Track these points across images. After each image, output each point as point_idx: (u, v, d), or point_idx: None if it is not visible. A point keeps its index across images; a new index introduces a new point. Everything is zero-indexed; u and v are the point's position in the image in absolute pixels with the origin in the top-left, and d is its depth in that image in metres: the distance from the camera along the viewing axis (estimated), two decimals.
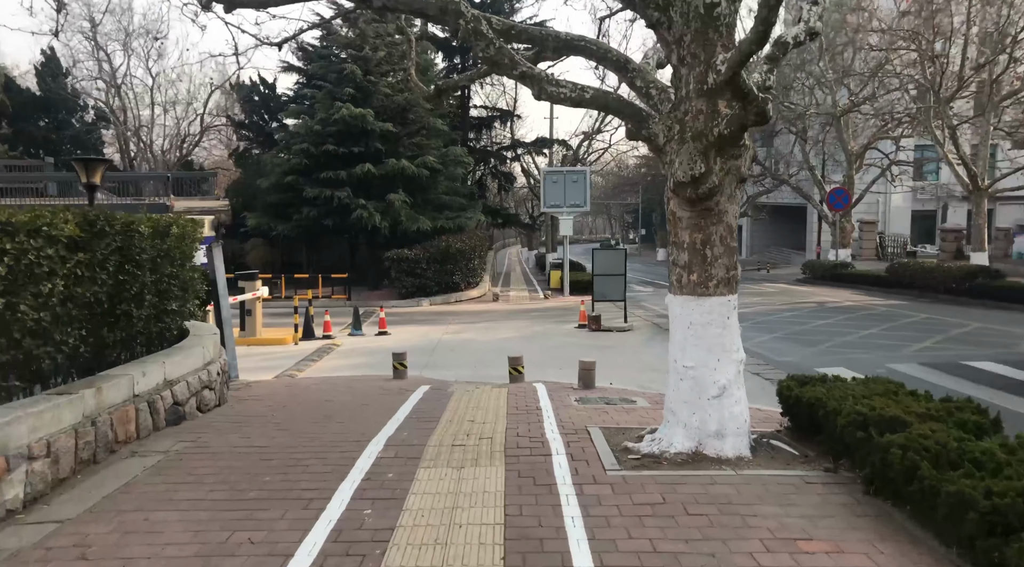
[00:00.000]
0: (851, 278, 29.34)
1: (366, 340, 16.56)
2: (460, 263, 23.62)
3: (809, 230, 50.99)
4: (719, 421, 5.78)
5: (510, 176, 43.23)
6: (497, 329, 17.72)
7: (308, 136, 23.38)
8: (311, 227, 23.38)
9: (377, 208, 22.77)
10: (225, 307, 11.15)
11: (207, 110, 41.89)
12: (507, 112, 41.01)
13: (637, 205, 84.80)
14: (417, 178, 23.55)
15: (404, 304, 22.78)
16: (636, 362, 12.45)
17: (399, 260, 22.56)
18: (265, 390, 9.75)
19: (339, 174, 22.67)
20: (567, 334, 16.40)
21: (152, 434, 6.51)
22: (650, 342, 14.83)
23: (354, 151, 23.04)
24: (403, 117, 24.18)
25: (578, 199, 24.56)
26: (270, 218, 23.85)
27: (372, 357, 14.16)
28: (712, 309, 5.81)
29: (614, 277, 17.04)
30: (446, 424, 7.12)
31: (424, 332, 17.47)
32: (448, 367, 12.60)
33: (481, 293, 25.27)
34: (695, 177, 5.51)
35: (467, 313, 21.20)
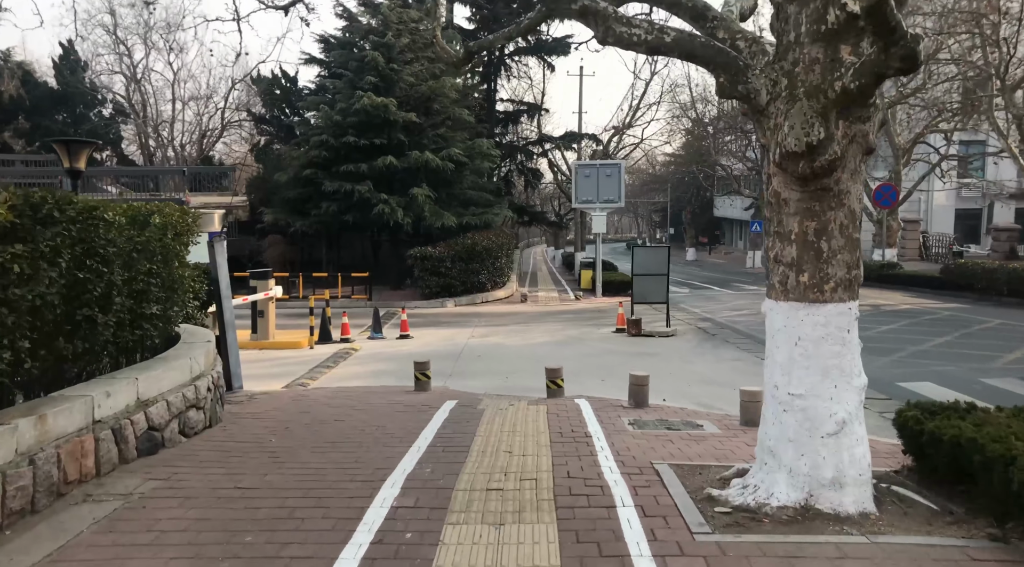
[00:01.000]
0: (900, 279, 27.62)
1: (386, 344, 15.34)
2: (486, 262, 22.34)
3: None
4: (836, 466, 4.42)
5: (537, 172, 41.86)
6: (527, 333, 16.42)
7: (328, 127, 22.21)
8: (330, 223, 22.20)
9: (400, 203, 21.53)
10: (228, 309, 9.96)
11: (228, 105, 41.06)
12: (534, 106, 39.63)
13: (665, 204, 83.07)
14: (441, 171, 22.28)
15: (427, 305, 21.55)
16: (687, 373, 11.07)
17: (422, 258, 21.32)
18: (269, 404, 8.53)
19: (360, 167, 21.46)
20: (604, 339, 15.04)
21: (117, 469, 5.29)
22: (699, 349, 13.42)
23: (376, 143, 21.82)
24: (427, 107, 22.91)
25: (612, 194, 23.19)
26: (288, 214, 22.73)
27: (392, 363, 12.93)
28: (828, 320, 4.45)
29: (656, 277, 15.65)
30: (478, 455, 5.82)
31: (448, 335, 16.21)
32: (476, 376, 11.32)
33: (508, 294, 23.97)
34: (810, 146, 4.16)
35: (494, 315, 19.92)
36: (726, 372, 11.09)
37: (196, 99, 42.47)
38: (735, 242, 77.34)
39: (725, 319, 17.98)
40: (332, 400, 8.88)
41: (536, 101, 41.04)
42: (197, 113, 42.00)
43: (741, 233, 75.21)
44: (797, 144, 4.19)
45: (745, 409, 7.19)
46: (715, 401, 9.06)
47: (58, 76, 33.81)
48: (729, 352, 12.99)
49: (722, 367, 11.49)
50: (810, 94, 4.20)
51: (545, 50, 36.66)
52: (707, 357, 12.52)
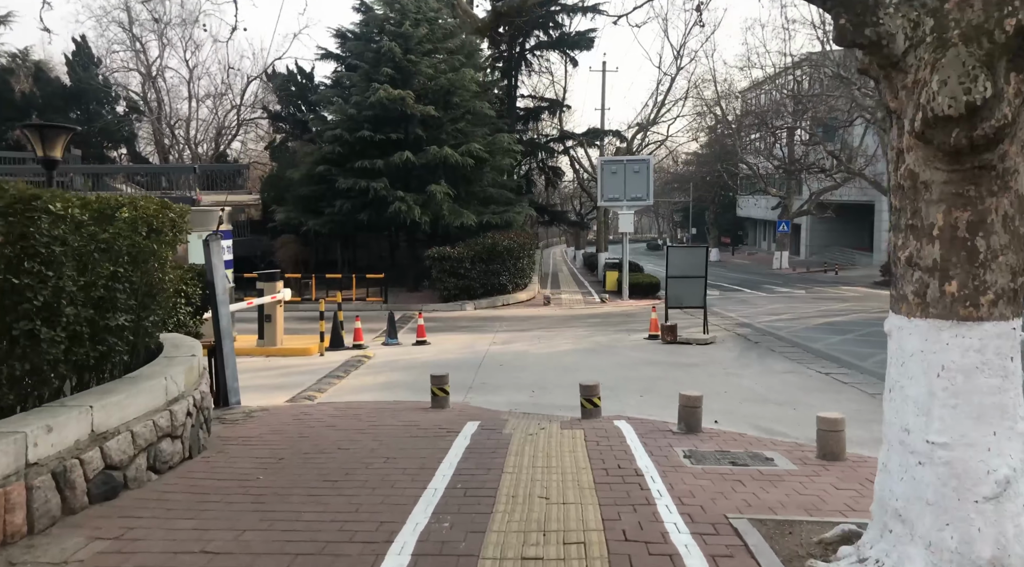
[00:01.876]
0: None
1: (402, 351, 14.30)
2: (508, 263, 21.26)
3: (879, 229, 47.58)
4: (997, 541, 3.28)
5: (558, 171, 40.71)
6: (552, 339, 15.31)
7: (342, 121, 21.21)
8: (344, 222, 21.18)
9: (417, 201, 20.47)
10: (224, 315, 8.96)
11: (244, 102, 40.32)
12: (555, 102, 38.47)
13: (687, 203, 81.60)
14: (461, 168, 21.21)
15: (446, 308, 20.50)
16: (734, 388, 9.91)
17: (440, 259, 20.26)
18: (266, 424, 7.50)
19: (375, 163, 20.43)
20: (637, 347, 13.90)
21: (59, 523, 4.25)
22: (742, 359, 12.23)
23: (392, 138, 20.79)
24: (446, 101, 21.85)
25: (640, 191, 22.01)
26: (300, 212, 21.76)
27: (407, 373, 11.88)
28: (985, 344, 3.31)
29: (692, 280, 14.48)
30: (507, 502, 4.73)
31: (468, 342, 15.15)
32: (499, 389, 10.23)
33: (530, 296, 22.88)
34: (971, 107, 3.03)
35: (516, 319, 18.84)
36: (779, 387, 9.91)
37: (212, 96, 41.79)
38: (759, 242, 75.78)
39: (765, 325, 16.77)
40: (338, 420, 7.83)
41: (558, 97, 39.92)
42: (213, 111, 41.33)
43: (765, 233, 73.65)
44: (952, 105, 3.05)
45: (824, 441, 6.04)
46: (775, 424, 7.90)
47: (71, 73, 33.16)
48: (778, 363, 11.80)
49: (773, 381, 10.31)
50: (968, 38, 3.07)
51: (567, 44, 35.53)
52: (754, 368, 11.34)
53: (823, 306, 20.80)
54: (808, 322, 17.11)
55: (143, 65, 39.85)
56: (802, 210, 47.00)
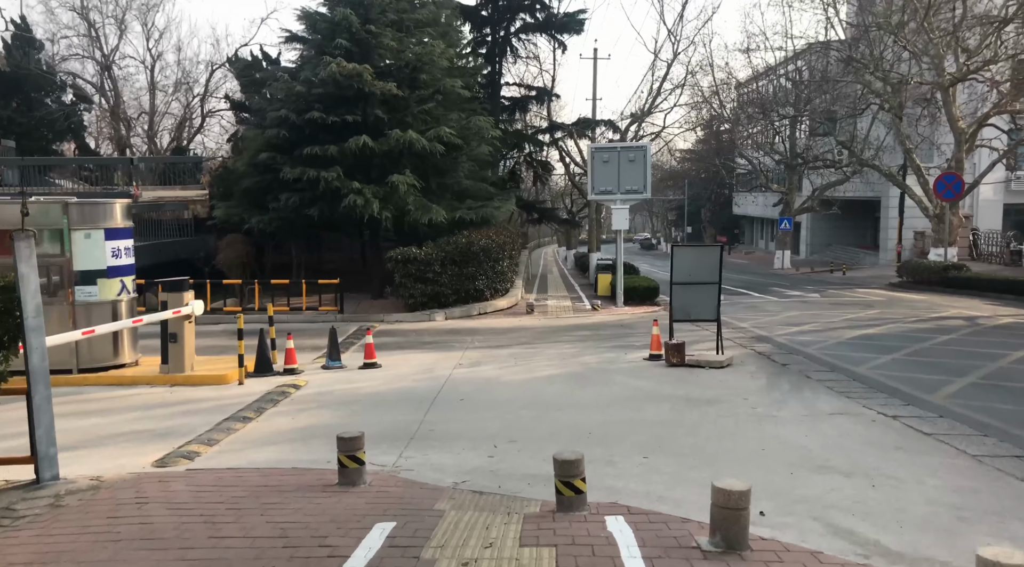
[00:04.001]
0: (970, 283, 23.52)
1: (343, 377, 11.50)
2: (485, 265, 18.44)
3: (886, 226, 45.07)
4: None
5: (547, 165, 37.82)
6: (532, 359, 12.54)
7: (288, 101, 18.29)
8: (292, 219, 18.23)
9: (376, 193, 17.56)
10: (37, 348, 6.15)
11: (208, 93, 37.38)
12: (543, 90, 35.61)
13: (681, 201, 78.90)
14: (430, 156, 18.32)
15: (411, 318, 17.67)
16: (775, 443, 7.13)
17: (405, 261, 17.39)
18: (57, 530, 4.73)
19: (327, 150, 17.50)
20: (636, 372, 11.12)
21: None
22: (774, 392, 9.45)
23: (348, 120, 17.87)
24: (413, 78, 18.94)
25: (636, 183, 19.24)
26: (244, 208, 18.82)
27: (337, 413, 9.10)
28: None
29: (703, 287, 11.71)
30: None
31: (429, 363, 12.37)
32: (450, 442, 7.46)
33: (511, 303, 20.07)
34: None
35: (492, 331, 16.05)
36: (836, 440, 7.14)
37: (173, 86, 38.85)
38: (755, 241, 73.26)
39: (787, 339, 14.03)
40: (184, 512, 5.06)
41: (546, 86, 37.09)
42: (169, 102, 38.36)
43: (762, 231, 71.11)
44: None
45: None
46: (856, 518, 5.13)
47: (9, 58, 30.17)
48: (821, 397, 9.02)
49: (825, 430, 7.54)
50: None
51: (556, 27, 32.73)
52: (792, 407, 8.57)
53: (847, 314, 18.09)
54: (838, 335, 14.39)
55: (98, 52, 36.89)
56: (805, 207, 44.36)
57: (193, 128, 38.44)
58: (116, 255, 11.52)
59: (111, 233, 11.47)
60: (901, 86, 28.57)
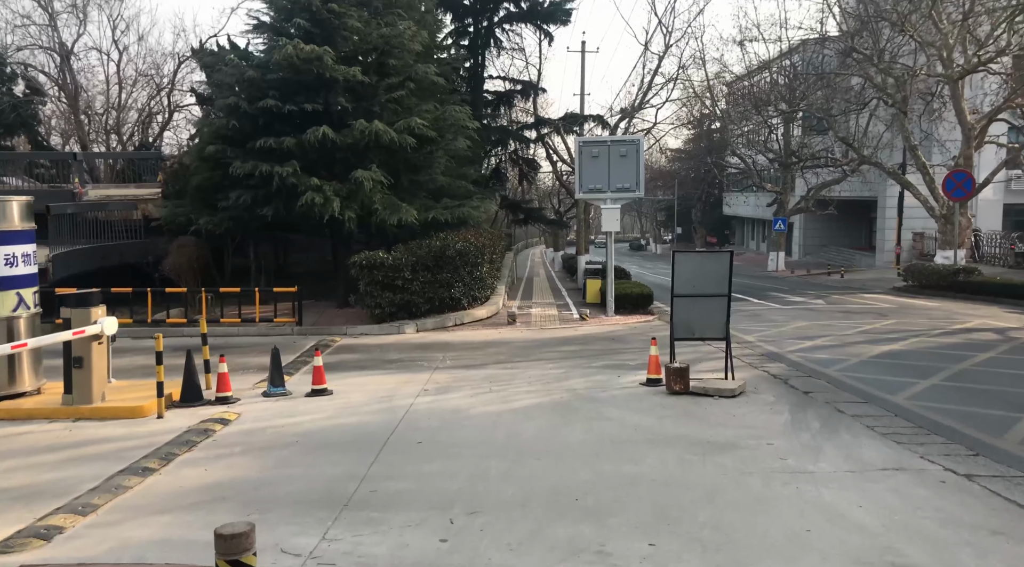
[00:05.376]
0: (983, 288, 21.95)
1: (283, 408, 9.67)
2: (462, 270, 16.64)
3: (882, 227, 43.69)
4: None
5: (533, 163, 36.05)
6: (509, 384, 10.75)
7: (239, 86, 16.47)
8: (244, 219, 16.29)
9: (338, 191, 15.66)
10: None
11: (175, 86, 35.36)
12: (529, 84, 33.84)
13: (670, 201, 77.37)
14: (400, 150, 16.45)
15: (378, 331, 15.83)
16: (816, 518, 5.36)
17: (370, 267, 15.53)
18: None
19: (283, 142, 15.61)
20: (630, 402, 9.36)
21: None
22: (801, 433, 7.70)
23: (307, 109, 15.99)
24: (381, 64, 17.07)
25: (627, 180, 17.51)
26: (192, 207, 16.92)
27: (268, 459, 7.31)
28: None
29: (710, 300, 9.97)
30: None
31: (389, 388, 10.55)
32: (391, 514, 5.67)
33: (491, 312, 18.27)
34: None
35: (468, 346, 14.27)
36: (906, 517, 5.38)
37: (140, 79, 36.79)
38: (746, 242, 71.83)
39: (801, 356, 12.32)
40: None
41: (531, 80, 35.32)
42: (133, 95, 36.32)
43: (753, 232, 69.71)
44: None
45: None
46: None
47: None
48: (866, 444, 7.26)
49: (886, 498, 5.78)
50: None
51: (541, 17, 31.03)
52: (831, 457, 6.82)
53: (860, 324, 16.43)
54: (858, 352, 12.69)
55: (57, 44, 34.81)
56: (799, 207, 42.84)
57: (159, 124, 36.41)
58: (11, 263, 9.65)
59: (5, 237, 9.60)
60: (906, 79, 27.01)
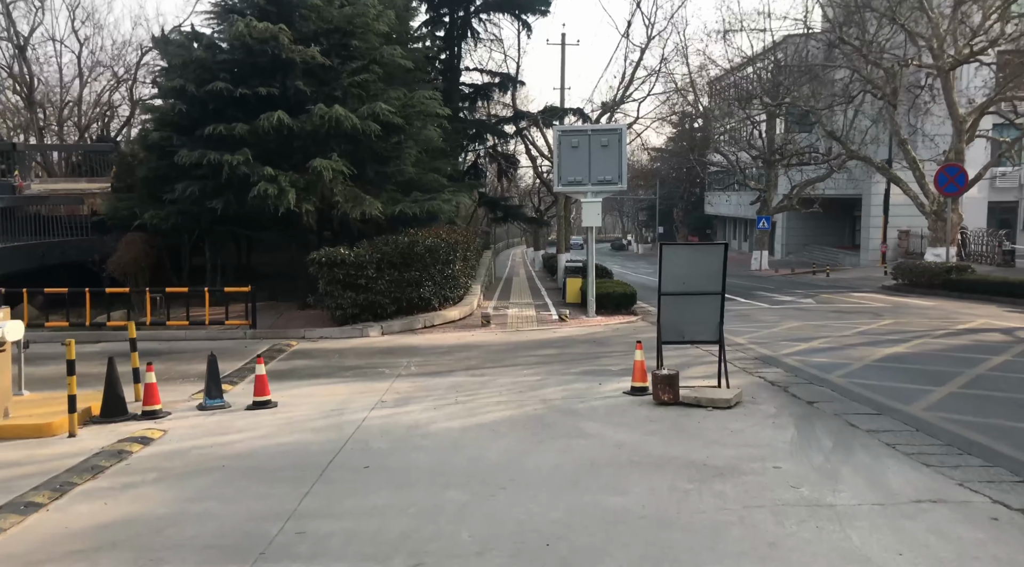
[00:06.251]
0: (976, 287, 21.12)
1: (221, 422, 8.46)
2: (432, 268, 15.47)
3: (867, 225, 43.11)
4: None
5: (512, 158, 34.93)
6: (478, 393, 9.60)
7: (186, 68, 15.16)
8: (195, 213, 14.88)
9: (295, 182, 14.37)
10: None
11: (137, 78, 33.84)
12: (507, 77, 32.66)
13: (652, 200, 76.61)
14: (364, 139, 15.20)
15: (339, 334, 14.61)
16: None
17: (331, 265, 14.31)
18: None
19: (234, 129, 14.31)
20: (613, 415, 8.24)
21: None
22: (811, 452, 6.61)
23: (261, 93, 14.70)
24: (343, 45, 15.78)
25: (609, 172, 16.41)
26: (138, 200, 15.57)
27: (185, 488, 6.12)
28: None
29: (702, 298, 8.89)
30: None
31: (341, 400, 9.36)
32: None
33: (464, 313, 17.11)
34: None
35: (435, 350, 13.10)
36: None
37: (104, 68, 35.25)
38: (728, 241, 71.27)
39: (799, 360, 11.29)
40: None
41: (509, 73, 34.17)
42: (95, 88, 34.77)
43: (735, 231, 69.06)
44: None
45: None
46: None
47: None
48: (890, 467, 6.18)
49: (930, 541, 4.69)
50: None
51: (519, 6, 29.90)
52: (853, 485, 5.73)
53: (856, 324, 15.46)
54: (860, 355, 11.68)
55: (13, 33, 33.21)
56: (783, 205, 42.03)
57: (121, 118, 34.91)
58: None
59: None
60: (896, 71, 26.18)
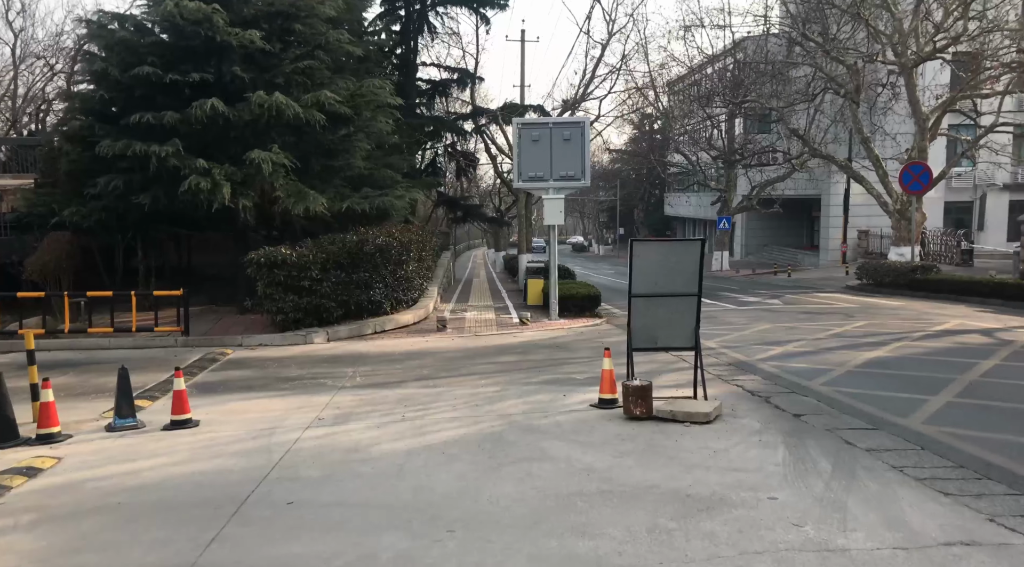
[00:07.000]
0: (942, 286, 20.76)
1: (129, 446, 7.32)
2: (383, 269, 14.39)
3: (826, 225, 43.16)
4: None
5: (471, 156, 33.95)
6: (429, 408, 8.59)
7: (111, 50, 13.85)
8: (121, 210, 13.45)
9: (231, 175, 13.16)
10: None
11: (75, 71, 31.95)
12: (466, 72, 31.67)
13: (612, 202, 76.32)
14: (309, 130, 14.05)
15: (281, 341, 13.44)
16: None
17: (270, 266, 13.11)
18: None
19: (163, 117, 13.07)
20: (580, 432, 7.30)
21: None
22: (811, 480, 5.74)
23: (194, 79, 13.43)
24: (285, 30, 14.59)
25: (572, 168, 15.53)
26: (60, 197, 14.18)
27: (66, 531, 4.97)
28: None
29: (677, 300, 8.00)
30: None
31: (274, 418, 8.27)
32: None
33: (419, 317, 16.06)
34: None
35: (385, 358, 12.05)
36: None
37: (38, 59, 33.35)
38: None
39: (776, 366, 10.50)
40: None
41: (468, 68, 33.20)
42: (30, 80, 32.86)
43: (695, 232, 69.07)
44: None
45: None
46: None
47: None
48: (903, 496, 5.34)
49: None
50: None
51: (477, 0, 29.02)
52: (865, 523, 4.87)
53: (829, 326, 14.81)
54: (839, 360, 10.95)
55: None
56: (743, 205, 41.70)
57: (57, 112, 33.03)
58: None
59: None
60: (858, 68, 25.84)
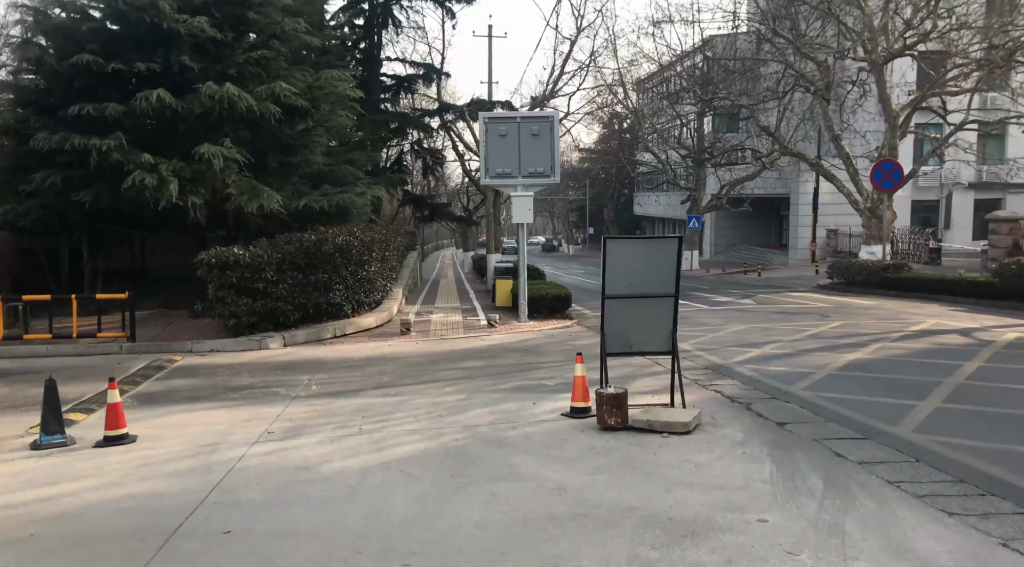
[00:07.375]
0: (914, 285, 20.62)
1: (53, 467, 6.59)
2: (343, 270, 13.71)
3: (795, 224, 43.21)
4: None
5: (438, 154, 33.27)
6: (388, 419, 7.97)
7: (50, 37, 12.97)
8: (61, 208, 12.60)
9: (179, 171, 12.37)
10: None
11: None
12: (432, 68, 31.00)
13: (582, 202, 76.11)
14: (264, 125, 13.28)
15: (233, 346, 12.68)
16: None
17: (222, 267, 12.32)
18: None
19: (105, 110, 12.20)
20: (550, 446, 6.74)
21: None
22: (802, 500, 5.25)
23: (139, 69, 12.59)
24: (239, 17, 13.74)
25: (541, 164, 15.00)
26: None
27: None
28: None
29: (653, 301, 7.48)
30: None
31: (218, 432, 7.58)
32: None
33: (382, 320, 15.39)
34: None
35: (344, 365, 11.38)
36: None
37: None
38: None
39: (755, 370, 10.05)
40: None
41: (434, 64, 32.51)
42: None
43: (664, 232, 69.15)
44: None
45: None
46: None
47: None
48: (905, 517, 4.86)
49: None
50: None
51: None
52: (864, 549, 4.37)
53: (803, 326, 14.47)
54: (819, 363, 10.54)
55: None
56: (713, 204, 41.55)
57: None
58: None
59: None
60: (829, 65, 25.70)
